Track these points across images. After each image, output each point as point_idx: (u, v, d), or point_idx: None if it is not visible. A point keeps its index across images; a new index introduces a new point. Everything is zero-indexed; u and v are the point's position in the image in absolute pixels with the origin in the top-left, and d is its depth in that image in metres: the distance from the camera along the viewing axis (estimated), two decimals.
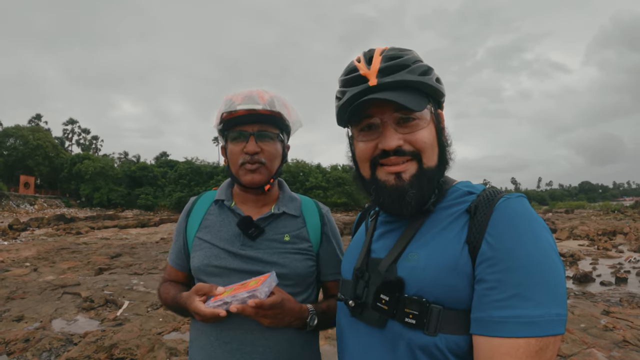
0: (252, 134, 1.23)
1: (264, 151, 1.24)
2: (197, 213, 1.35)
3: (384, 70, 0.84)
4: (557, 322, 0.66)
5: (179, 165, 60.55)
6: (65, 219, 22.81)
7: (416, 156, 0.84)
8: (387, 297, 0.79)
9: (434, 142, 0.86)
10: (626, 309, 6.20)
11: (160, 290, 1.36)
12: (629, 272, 10.04)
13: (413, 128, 0.84)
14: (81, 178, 57.97)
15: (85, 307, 5.46)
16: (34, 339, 4.14)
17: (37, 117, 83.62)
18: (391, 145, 0.82)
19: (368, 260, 0.91)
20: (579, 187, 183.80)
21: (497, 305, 0.68)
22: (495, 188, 0.83)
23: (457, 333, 0.73)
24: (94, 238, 14.86)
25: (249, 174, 1.24)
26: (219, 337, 1.20)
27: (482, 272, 0.72)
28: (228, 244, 1.25)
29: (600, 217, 30.11)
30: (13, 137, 59.15)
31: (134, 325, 4.46)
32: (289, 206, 1.33)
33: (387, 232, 0.93)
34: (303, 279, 1.26)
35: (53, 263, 9.09)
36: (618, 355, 3.84)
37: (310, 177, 51.57)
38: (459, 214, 0.81)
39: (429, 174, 0.84)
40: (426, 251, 0.80)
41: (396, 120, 0.84)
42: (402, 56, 0.85)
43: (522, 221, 0.72)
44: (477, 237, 0.74)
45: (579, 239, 17.11)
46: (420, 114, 0.84)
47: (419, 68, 0.85)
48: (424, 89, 0.85)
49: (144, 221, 22.56)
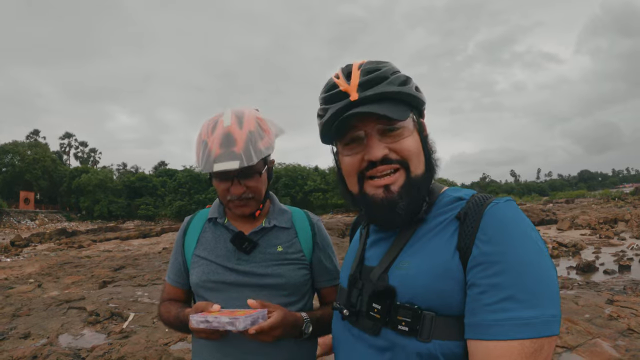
0: (235, 176, 1.22)
1: (250, 188, 1.24)
2: (193, 231, 1.39)
3: (364, 84, 0.84)
4: (552, 323, 0.66)
5: (178, 174, 60.58)
6: (67, 233, 22.78)
7: (403, 164, 0.84)
8: (379, 305, 0.80)
9: (419, 150, 0.86)
10: (630, 297, 6.23)
11: (160, 310, 1.40)
12: (632, 259, 10.07)
13: (397, 137, 0.84)
14: (81, 191, 57.98)
15: (91, 321, 5.46)
16: (41, 356, 4.14)
17: (35, 133, 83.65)
18: (377, 155, 0.83)
19: (361, 269, 0.92)
20: (579, 177, 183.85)
21: (490, 309, 0.68)
22: (485, 193, 0.84)
23: (451, 339, 0.73)
24: (97, 251, 14.85)
25: (239, 208, 1.27)
26: (220, 349, 1.24)
27: (473, 276, 0.72)
28: (224, 260, 1.30)
29: (601, 205, 30.13)
30: (10, 153, 59.16)
31: (141, 337, 4.48)
32: (279, 219, 1.37)
33: (379, 240, 0.93)
34: (298, 288, 1.31)
35: (57, 278, 9.09)
36: (623, 344, 3.86)
37: (309, 180, 51.54)
38: (448, 220, 0.81)
39: (417, 183, 0.84)
40: (417, 259, 0.80)
41: (380, 131, 0.84)
42: (380, 68, 0.86)
43: (511, 225, 0.73)
44: (468, 242, 0.75)
45: (581, 228, 17.14)
46: (404, 123, 0.84)
47: (397, 79, 0.86)
48: (405, 98, 0.86)
49: (146, 231, 22.53)
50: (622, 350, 3.70)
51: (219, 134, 1.19)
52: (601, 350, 3.64)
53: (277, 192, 49.58)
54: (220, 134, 1.19)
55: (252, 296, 1.19)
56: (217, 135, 1.19)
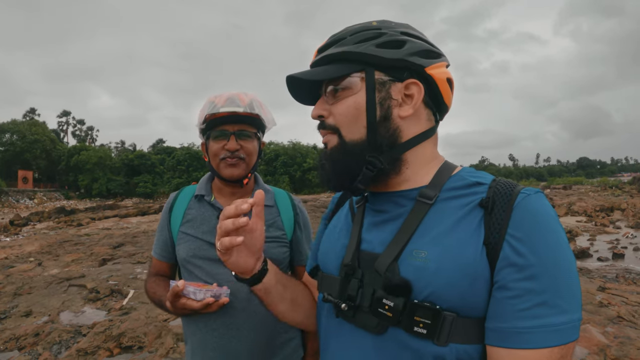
0: (233, 133, 1.36)
1: (243, 148, 1.37)
2: (179, 208, 1.45)
3: (321, 48, 0.83)
4: (578, 328, 0.64)
5: (177, 152, 60.34)
6: (66, 212, 22.80)
7: (334, 130, 0.80)
8: (392, 302, 0.69)
9: (354, 115, 0.78)
10: (622, 284, 6.33)
11: (147, 287, 1.46)
12: (626, 247, 10.18)
13: (338, 99, 0.80)
14: (79, 169, 57.81)
15: (91, 298, 5.55)
16: (43, 333, 4.23)
17: (32, 111, 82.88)
18: (313, 114, 0.83)
19: (359, 255, 0.81)
20: (577, 163, 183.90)
21: (522, 315, 0.63)
22: (507, 179, 0.76)
23: (468, 342, 0.67)
24: (96, 229, 14.93)
25: (229, 168, 1.36)
26: (207, 324, 1.33)
27: (504, 278, 0.66)
28: (210, 236, 1.37)
29: (598, 193, 30.26)
30: (9, 132, 58.77)
31: (140, 314, 4.56)
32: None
33: (381, 222, 0.81)
34: (278, 264, 1.37)
35: (57, 256, 9.17)
36: (612, 331, 3.95)
37: (308, 158, 51.32)
38: (471, 207, 0.72)
39: (350, 147, 0.78)
40: (437, 250, 0.70)
41: (329, 92, 0.81)
42: (346, 34, 0.80)
43: (545, 222, 0.67)
44: (497, 237, 0.67)
45: (577, 215, 17.26)
46: (345, 84, 0.79)
47: (355, 38, 0.78)
48: (353, 57, 0.78)
49: (144, 209, 22.54)
50: (610, 337, 3.80)
51: (226, 95, 1.38)
52: (590, 336, 3.73)
53: (275, 171, 49.48)
54: (227, 95, 1.38)
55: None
56: (224, 95, 1.38)
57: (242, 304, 1.31)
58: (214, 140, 1.37)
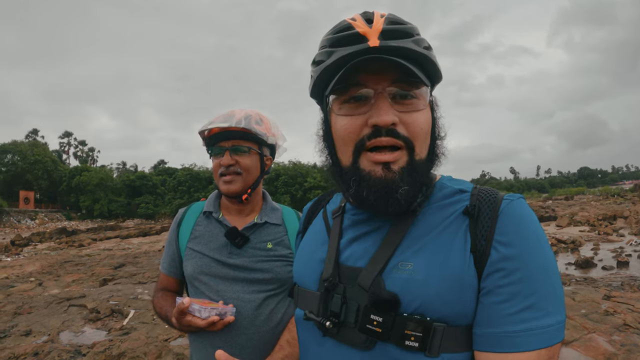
0: (227, 148, 1.36)
1: (239, 163, 1.37)
2: (187, 224, 1.46)
3: (388, 32, 0.69)
4: (562, 329, 0.64)
5: (178, 173, 60.50)
6: (67, 232, 22.79)
7: (408, 144, 0.70)
8: (380, 318, 0.67)
9: (428, 130, 0.73)
10: (627, 292, 6.27)
11: (154, 302, 1.46)
12: (630, 255, 10.11)
13: (410, 107, 0.70)
14: (81, 190, 57.90)
15: (91, 318, 5.50)
16: (43, 352, 4.18)
17: (34, 132, 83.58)
18: (387, 120, 0.67)
19: (339, 269, 0.76)
20: (578, 174, 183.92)
21: (511, 320, 0.63)
22: (486, 186, 0.76)
23: (459, 351, 0.67)
24: (97, 249, 14.88)
25: (226, 184, 1.37)
26: (212, 342, 1.32)
27: (491, 283, 0.65)
28: (217, 254, 1.37)
29: (600, 202, 30.17)
30: (11, 152, 59.09)
31: (141, 334, 4.51)
32: (270, 216, 1.44)
33: (362, 235, 0.78)
34: (284, 283, 1.37)
35: (57, 277, 9.12)
36: (619, 339, 3.89)
37: (309, 177, 51.48)
38: (455, 216, 0.71)
39: (420, 168, 0.71)
40: (423, 260, 0.69)
41: (392, 95, 0.70)
42: (406, 23, 0.73)
43: (529, 226, 0.68)
44: (484, 244, 0.67)
45: (580, 225, 17.18)
46: (420, 92, 0.71)
47: (422, 41, 0.72)
48: (427, 65, 0.72)
49: (146, 230, 22.55)
50: (617, 345, 3.74)
51: (226, 112, 1.41)
52: (596, 345, 3.68)
53: (277, 190, 49.47)
54: (226, 112, 1.40)
55: (242, 289, 1.32)
56: (223, 112, 1.41)
57: (247, 322, 1.31)
58: (213, 157, 1.40)
